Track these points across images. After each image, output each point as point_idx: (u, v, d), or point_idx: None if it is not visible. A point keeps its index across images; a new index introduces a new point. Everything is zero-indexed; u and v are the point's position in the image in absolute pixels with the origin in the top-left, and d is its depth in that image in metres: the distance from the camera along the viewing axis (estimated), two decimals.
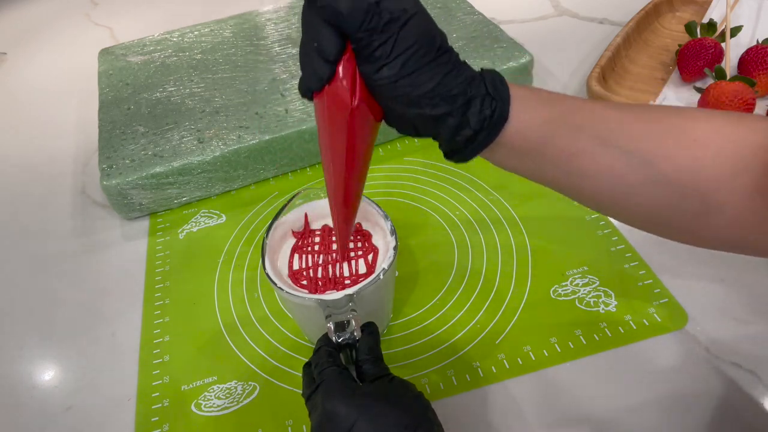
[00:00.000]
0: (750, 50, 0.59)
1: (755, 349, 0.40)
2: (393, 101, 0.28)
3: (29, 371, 0.47)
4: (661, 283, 0.45)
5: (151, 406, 0.42)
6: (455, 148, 0.30)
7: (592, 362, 0.41)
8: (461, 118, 0.28)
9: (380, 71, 0.26)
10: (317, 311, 0.36)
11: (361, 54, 0.26)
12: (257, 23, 0.77)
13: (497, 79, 0.28)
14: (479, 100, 0.28)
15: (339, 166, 0.31)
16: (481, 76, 0.28)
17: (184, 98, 0.65)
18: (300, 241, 0.42)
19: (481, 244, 0.50)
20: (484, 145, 0.29)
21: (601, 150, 0.28)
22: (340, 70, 0.27)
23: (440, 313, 0.45)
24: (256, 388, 0.42)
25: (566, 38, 0.77)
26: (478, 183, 0.57)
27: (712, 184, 0.27)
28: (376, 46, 0.25)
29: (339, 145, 0.29)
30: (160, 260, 0.54)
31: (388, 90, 0.27)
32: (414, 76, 0.26)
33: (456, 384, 0.41)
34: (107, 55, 0.76)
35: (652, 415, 0.38)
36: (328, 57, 0.26)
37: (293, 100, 0.61)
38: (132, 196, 0.56)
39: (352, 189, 0.33)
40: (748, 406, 0.37)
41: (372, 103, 0.29)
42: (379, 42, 0.25)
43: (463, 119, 0.28)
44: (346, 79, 0.27)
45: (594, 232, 0.50)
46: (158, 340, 0.47)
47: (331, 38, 0.26)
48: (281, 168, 0.61)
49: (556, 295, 0.45)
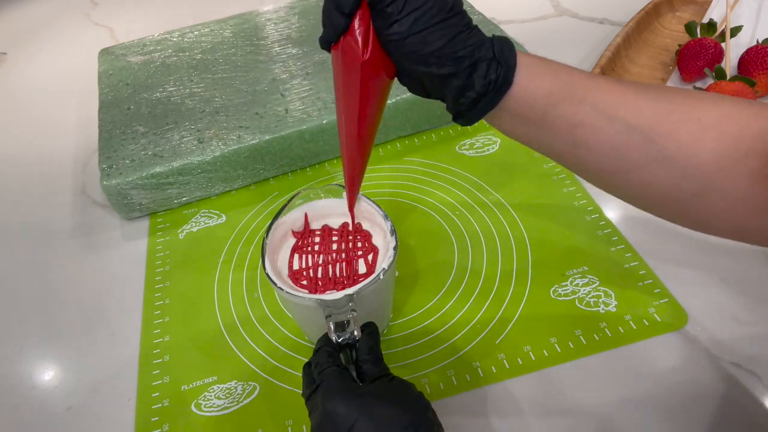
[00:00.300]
0: (750, 50, 0.59)
1: (755, 349, 0.40)
2: (403, 57, 0.29)
3: (29, 371, 0.47)
4: (661, 283, 0.45)
5: (151, 406, 0.42)
6: (460, 110, 0.30)
7: (592, 362, 0.41)
8: (466, 80, 0.28)
9: (391, 27, 0.27)
10: (317, 311, 0.36)
11: (374, 9, 0.27)
12: (257, 23, 0.78)
13: (506, 46, 0.29)
14: (485, 64, 0.28)
15: (351, 119, 0.32)
16: (491, 42, 0.29)
17: (184, 98, 0.65)
18: (300, 241, 0.42)
19: (481, 244, 0.50)
20: (488, 109, 0.29)
21: (604, 122, 0.28)
22: (356, 24, 0.28)
23: (440, 313, 0.45)
24: (256, 388, 0.42)
25: (566, 38, 0.77)
26: (478, 183, 0.57)
27: (714, 165, 0.27)
28: (389, 2, 0.27)
29: (351, 97, 0.31)
30: (160, 260, 0.54)
31: (398, 46, 0.28)
32: (423, 34, 0.27)
33: (456, 384, 0.41)
34: (107, 55, 0.76)
35: (652, 415, 0.38)
36: (343, 9, 0.27)
37: (293, 100, 0.61)
38: (132, 196, 0.56)
39: (362, 143, 0.34)
40: (748, 406, 0.37)
41: (384, 59, 0.30)
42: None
43: (468, 81, 0.28)
44: (360, 32, 0.28)
45: (594, 232, 0.50)
46: (158, 340, 0.47)
47: None
48: (281, 168, 0.61)
49: (556, 295, 0.45)
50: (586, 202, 0.53)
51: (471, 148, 0.61)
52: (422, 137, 0.64)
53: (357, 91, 0.31)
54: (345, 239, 0.42)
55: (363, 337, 0.34)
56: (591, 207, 0.52)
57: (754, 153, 0.27)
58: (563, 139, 0.30)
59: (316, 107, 0.60)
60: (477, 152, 0.60)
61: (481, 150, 0.61)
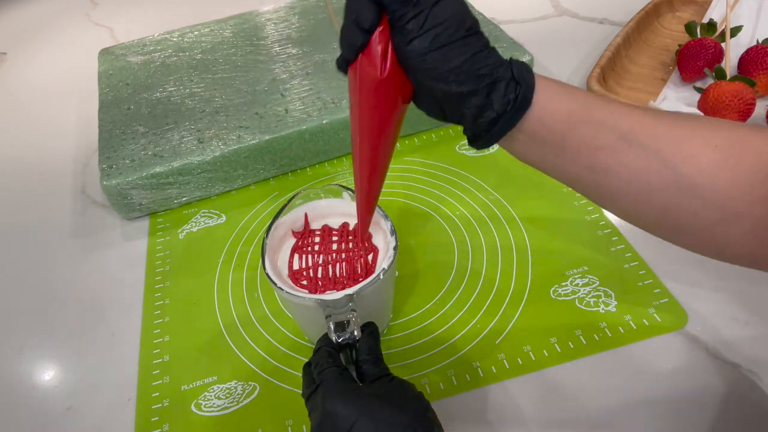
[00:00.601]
0: (750, 50, 0.59)
1: (755, 349, 0.40)
2: (422, 75, 0.28)
3: (29, 371, 0.47)
4: (661, 283, 0.45)
5: (151, 406, 0.42)
6: (478, 131, 0.30)
7: (592, 362, 0.41)
8: (485, 99, 0.28)
9: (411, 43, 0.27)
10: (317, 311, 0.36)
11: (394, 26, 0.28)
12: (257, 23, 0.78)
13: (524, 67, 0.29)
14: (504, 84, 0.28)
15: (365, 141, 0.32)
16: (509, 63, 0.29)
17: (184, 98, 0.65)
18: (300, 241, 0.42)
19: (481, 244, 0.50)
20: (506, 129, 0.29)
21: (623, 146, 0.28)
22: (375, 40, 0.28)
23: (440, 313, 0.45)
24: (256, 388, 0.42)
25: (566, 38, 0.77)
26: (478, 183, 0.57)
27: (731, 192, 0.27)
28: (409, 18, 0.27)
29: (367, 119, 0.30)
30: (160, 260, 0.54)
31: (418, 62, 0.28)
32: (443, 51, 0.27)
33: (456, 384, 0.41)
34: (107, 55, 0.76)
35: (651, 415, 0.38)
36: (363, 25, 0.28)
37: (293, 100, 0.61)
38: (132, 196, 0.56)
39: (376, 166, 0.33)
40: (748, 406, 0.37)
41: (402, 80, 0.30)
42: (413, 14, 0.27)
43: (487, 101, 0.29)
44: (379, 50, 0.28)
45: (594, 232, 0.50)
46: (158, 340, 0.47)
47: (368, 7, 0.27)
48: (281, 168, 0.61)
49: (556, 295, 0.45)
50: (586, 202, 0.53)
51: (471, 148, 0.61)
52: (422, 137, 0.64)
53: (372, 114, 0.30)
54: (345, 239, 0.42)
55: (363, 337, 0.34)
56: (591, 207, 0.52)
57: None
58: (582, 163, 0.29)
59: (316, 107, 0.60)
60: (477, 152, 0.60)
61: (481, 150, 0.60)
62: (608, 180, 0.29)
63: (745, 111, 0.54)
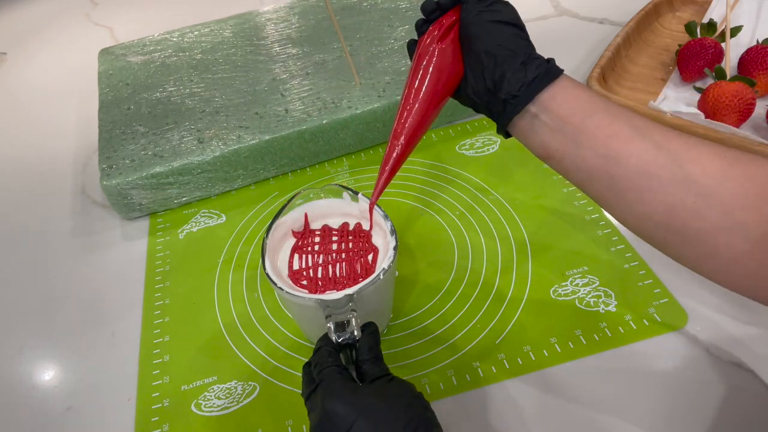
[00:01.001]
0: (750, 50, 0.59)
1: (755, 349, 0.40)
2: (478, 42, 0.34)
3: (29, 371, 0.47)
4: (661, 283, 0.45)
5: (151, 406, 0.42)
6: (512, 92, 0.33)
7: (592, 362, 0.41)
8: (521, 68, 0.33)
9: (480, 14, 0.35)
10: (317, 311, 0.36)
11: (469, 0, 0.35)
12: (257, 23, 0.78)
13: (552, 61, 0.34)
14: (538, 61, 0.33)
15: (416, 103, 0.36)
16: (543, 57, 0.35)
17: (184, 98, 0.65)
18: (300, 241, 0.42)
19: (481, 244, 0.50)
20: (536, 92, 0.33)
21: (635, 136, 0.30)
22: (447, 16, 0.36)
23: (440, 313, 0.45)
24: (256, 388, 0.42)
25: (566, 38, 0.77)
26: (478, 183, 0.57)
27: (738, 201, 0.28)
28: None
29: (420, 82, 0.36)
30: (160, 260, 0.54)
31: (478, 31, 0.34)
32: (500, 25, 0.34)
33: (456, 384, 0.41)
34: (107, 55, 0.76)
35: (651, 415, 0.38)
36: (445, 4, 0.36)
37: (293, 100, 0.61)
38: (132, 196, 0.56)
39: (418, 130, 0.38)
40: (748, 406, 0.37)
41: (456, 59, 0.36)
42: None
43: (521, 69, 0.33)
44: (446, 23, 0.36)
45: (594, 232, 0.50)
46: (158, 340, 0.47)
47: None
48: (281, 168, 0.61)
49: (556, 295, 0.45)
50: (586, 202, 0.53)
51: (471, 148, 0.61)
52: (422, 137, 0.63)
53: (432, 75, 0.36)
54: (345, 239, 0.42)
55: (363, 337, 0.34)
56: (591, 207, 0.52)
57: None
58: (596, 151, 0.31)
59: (316, 107, 0.60)
60: (477, 152, 0.60)
61: (482, 150, 0.61)
62: (618, 170, 0.30)
63: (745, 111, 0.54)
